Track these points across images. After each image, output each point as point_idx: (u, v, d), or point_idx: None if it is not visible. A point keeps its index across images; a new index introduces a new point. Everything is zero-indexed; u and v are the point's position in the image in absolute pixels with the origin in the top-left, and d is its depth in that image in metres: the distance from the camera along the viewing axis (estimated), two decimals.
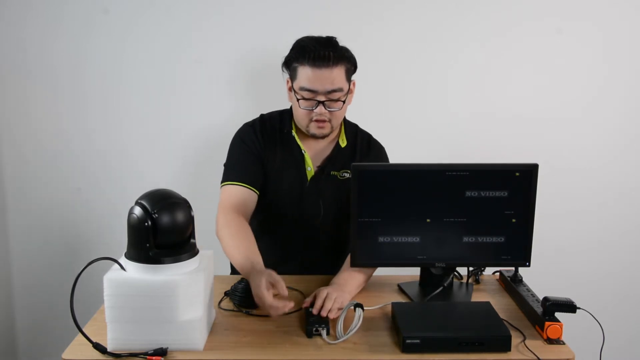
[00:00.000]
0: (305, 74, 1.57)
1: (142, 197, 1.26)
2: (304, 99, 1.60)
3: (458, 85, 2.17)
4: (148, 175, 2.21)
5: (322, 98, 1.58)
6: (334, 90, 1.58)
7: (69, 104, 2.17)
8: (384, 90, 2.16)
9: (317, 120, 1.62)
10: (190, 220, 1.29)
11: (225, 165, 1.73)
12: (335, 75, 1.57)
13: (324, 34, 1.64)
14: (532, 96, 2.18)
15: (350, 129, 1.77)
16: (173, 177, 2.20)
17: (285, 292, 1.35)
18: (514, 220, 1.54)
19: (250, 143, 1.70)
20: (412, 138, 2.17)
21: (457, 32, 2.12)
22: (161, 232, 1.23)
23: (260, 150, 1.69)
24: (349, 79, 1.63)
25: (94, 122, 2.18)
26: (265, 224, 1.76)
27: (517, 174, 1.51)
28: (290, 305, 1.33)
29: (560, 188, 2.22)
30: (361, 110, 1.84)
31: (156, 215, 1.22)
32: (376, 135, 1.80)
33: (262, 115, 1.77)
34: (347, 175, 1.70)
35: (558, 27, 2.12)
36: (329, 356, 1.26)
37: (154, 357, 1.22)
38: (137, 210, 1.23)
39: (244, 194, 1.65)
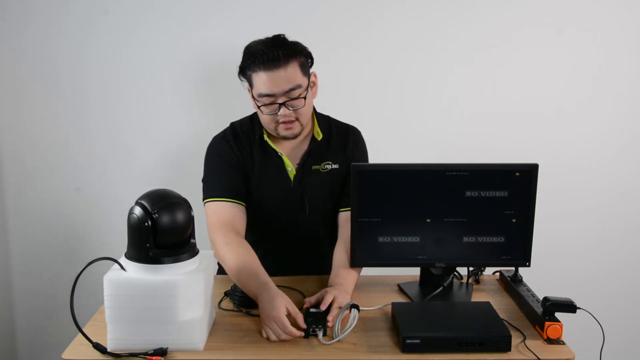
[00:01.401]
0: (260, 80, 1.54)
1: (142, 197, 1.26)
2: (264, 105, 1.57)
3: (458, 86, 2.17)
4: (148, 175, 2.21)
5: (282, 99, 1.55)
6: (292, 89, 1.54)
7: (68, 104, 2.17)
8: (383, 90, 2.16)
9: (284, 122, 1.59)
10: (190, 220, 1.29)
11: (203, 180, 1.69)
12: (289, 73, 1.53)
13: (323, 34, 1.63)
14: (532, 96, 2.18)
15: (324, 120, 1.74)
16: (173, 177, 2.20)
17: (303, 324, 1.33)
18: (514, 220, 1.54)
19: (226, 155, 1.66)
20: (411, 138, 2.17)
21: (456, 32, 2.12)
22: (161, 232, 1.23)
23: (239, 160, 1.66)
24: (306, 73, 1.58)
25: (93, 122, 2.18)
26: (253, 230, 1.74)
27: (517, 174, 1.51)
28: (301, 334, 1.32)
29: (560, 188, 2.22)
30: (360, 111, 1.84)
31: (156, 215, 1.22)
32: (375, 136, 1.79)
33: (232, 124, 1.74)
34: (329, 167, 1.69)
35: (558, 28, 2.12)
36: (329, 356, 1.26)
37: (154, 357, 1.22)
38: (137, 210, 1.23)
39: (231, 209, 1.61)
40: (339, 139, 1.73)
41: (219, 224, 1.58)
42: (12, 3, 2.08)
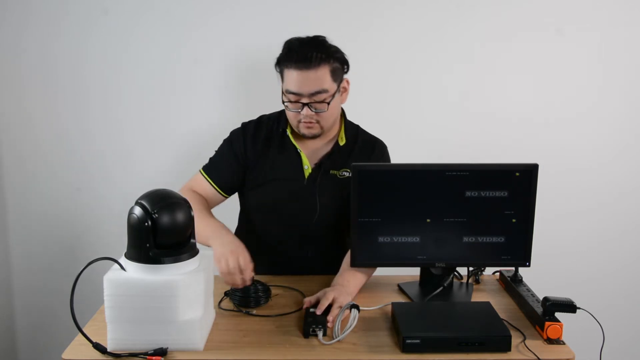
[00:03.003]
0: (291, 77, 1.57)
1: (142, 197, 1.26)
2: (290, 101, 1.60)
3: (458, 86, 2.17)
4: (148, 176, 2.21)
5: (306, 100, 1.57)
6: (318, 92, 1.56)
7: (68, 104, 2.17)
8: (383, 90, 2.16)
9: (305, 122, 1.61)
10: (190, 220, 1.29)
11: (212, 156, 1.77)
12: (319, 76, 1.55)
13: (323, 34, 1.63)
14: (532, 97, 2.18)
15: (352, 129, 1.76)
16: (173, 177, 2.19)
17: (248, 281, 1.47)
18: (514, 220, 1.54)
19: (236, 147, 1.72)
20: (411, 138, 2.17)
21: (457, 32, 2.12)
22: (161, 232, 1.23)
23: (244, 156, 1.71)
24: (336, 79, 1.60)
25: (93, 122, 2.18)
26: (262, 223, 1.76)
27: (517, 174, 1.51)
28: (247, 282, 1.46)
29: (560, 188, 2.22)
30: (360, 111, 1.84)
31: (156, 215, 1.22)
32: (375, 135, 1.79)
33: (261, 116, 1.77)
34: (346, 174, 1.69)
35: (557, 27, 2.12)
36: (329, 356, 1.26)
37: (154, 357, 1.22)
38: (137, 210, 1.23)
39: (211, 192, 1.72)
40: (364, 149, 1.73)
41: (191, 190, 1.71)
42: (12, 3, 2.08)
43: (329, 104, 1.58)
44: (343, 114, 1.75)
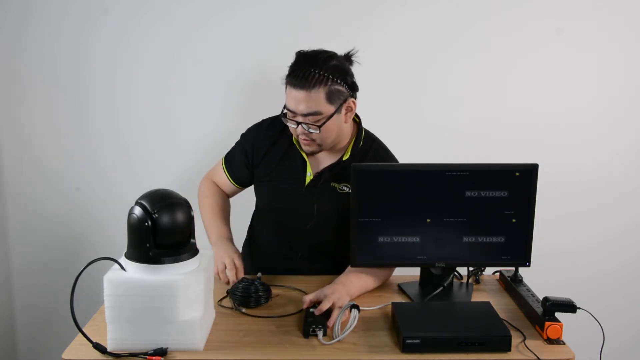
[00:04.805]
0: (288, 93, 1.54)
1: (142, 197, 1.26)
2: (287, 117, 1.57)
3: (458, 87, 2.17)
4: (148, 176, 2.21)
5: (300, 119, 1.54)
6: (310, 114, 1.51)
7: (68, 104, 2.17)
8: (383, 90, 2.16)
9: (302, 138, 1.59)
10: (190, 220, 1.29)
11: (233, 146, 1.81)
12: (312, 97, 1.49)
13: (323, 35, 1.63)
14: (532, 97, 2.18)
15: (367, 141, 1.71)
16: (173, 178, 2.20)
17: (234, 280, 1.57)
18: (514, 220, 1.54)
19: (246, 143, 1.75)
20: (411, 138, 2.17)
21: (457, 32, 2.12)
22: (161, 232, 1.23)
23: (252, 152, 1.73)
24: (334, 101, 1.52)
25: (93, 122, 2.18)
26: (260, 219, 1.78)
27: (517, 174, 1.51)
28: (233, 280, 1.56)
29: (560, 188, 2.22)
30: (360, 111, 1.83)
31: (156, 215, 1.22)
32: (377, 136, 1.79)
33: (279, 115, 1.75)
34: (346, 189, 1.65)
35: (558, 27, 2.12)
36: (329, 356, 1.26)
37: (154, 357, 1.22)
38: (137, 210, 1.23)
39: (227, 182, 1.81)
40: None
41: (211, 179, 1.83)
42: (12, 3, 2.08)
43: (320, 126, 1.53)
44: (359, 124, 1.71)
